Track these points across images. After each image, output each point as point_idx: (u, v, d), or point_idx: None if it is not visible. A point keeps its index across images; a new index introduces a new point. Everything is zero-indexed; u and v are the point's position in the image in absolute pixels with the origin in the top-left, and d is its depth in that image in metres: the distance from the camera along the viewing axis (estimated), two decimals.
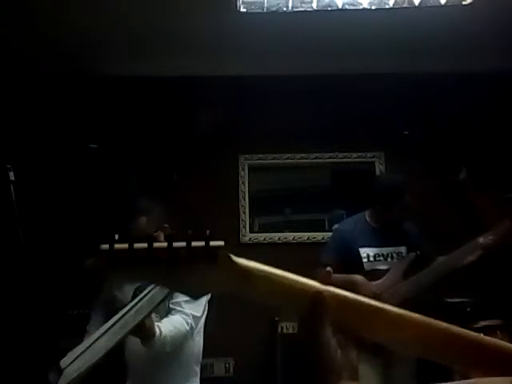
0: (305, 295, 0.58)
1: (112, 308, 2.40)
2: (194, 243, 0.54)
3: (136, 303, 2.23)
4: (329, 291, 0.59)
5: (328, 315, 0.58)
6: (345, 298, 0.60)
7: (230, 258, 0.56)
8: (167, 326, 2.25)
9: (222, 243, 0.55)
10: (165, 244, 0.53)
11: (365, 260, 3.01)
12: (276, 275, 0.58)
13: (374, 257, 3.03)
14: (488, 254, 2.82)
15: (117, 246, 0.53)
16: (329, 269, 0.63)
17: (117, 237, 0.54)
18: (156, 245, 0.53)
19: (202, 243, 0.54)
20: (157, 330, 2.19)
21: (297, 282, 0.59)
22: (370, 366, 2.68)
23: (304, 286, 0.59)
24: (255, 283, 0.57)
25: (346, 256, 3.02)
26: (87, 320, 2.55)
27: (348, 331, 0.60)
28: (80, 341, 2.33)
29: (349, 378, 0.59)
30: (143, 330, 2.18)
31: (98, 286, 2.56)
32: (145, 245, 0.53)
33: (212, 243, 0.55)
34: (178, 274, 0.54)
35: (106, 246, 0.53)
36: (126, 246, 0.53)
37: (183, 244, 0.54)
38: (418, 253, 2.97)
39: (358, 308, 0.60)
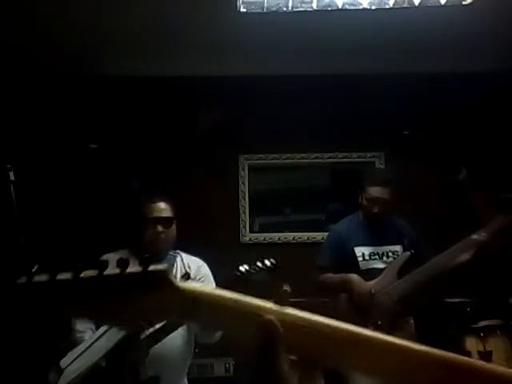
0: (255, 321, 0.51)
1: None
2: (129, 269, 0.47)
3: None
4: (286, 315, 0.52)
5: (280, 345, 0.50)
6: (305, 321, 0.52)
7: (172, 283, 0.49)
8: None
9: (162, 267, 0.48)
10: (93, 272, 0.47)
11: (360, 259, 3.02)
12: (227, 299, 0.51)
13: (370, 256, 3.04)
14: (482, 252, 2.82)
15: (38, 277, 0.46)
16: (286, 288, 0.54)
17: (35, 268, 0.47)
18: (83, 274, 0.47)
19: (138, 268, 0.48)
20: None
21: (249, 305, 0.52)
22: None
23: (257, 310, 0.51)
24: (203, 309, 0.50)
25: (341, 255, 3.04)
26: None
27: (312, 361, 0.53)
28: (73, 341, 2.34)
29: None
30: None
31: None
32: (68, 275, 0.47)
33: (151, 267, 0.48)
34: (110, 306, 0.47)
35: (22, 279, 0.47)
36: (46, 276, 0.46)
37: (116, 271, 0.47)
38: (413, 252, 2.98)
39: (323, 333, 0.52)
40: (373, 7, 3.29)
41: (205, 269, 2.56)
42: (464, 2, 3.25)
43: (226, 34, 3.71)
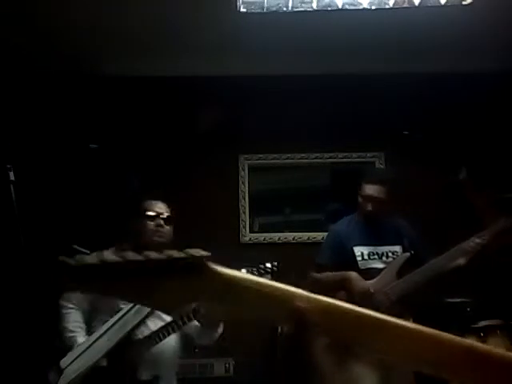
0: (287, 307, 0.52)
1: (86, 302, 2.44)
2: (171, 252, 0.49)
3: (135, 304, 2.23)
4: (317, 301, 0.53)
5: (312, 331, 0.52)
6: (335, 307, 0.53)
7: (211, 267, 0.51)
8: None
9: (201, 252, 0.50)
10: (139, 256, 0.48)
11: (359, 258, 3.03)
12: (262, 285, 0.53)
13: (369, 255, 3.04)
14: (481, 255, 2.82)
15: (87, 258, 0.48)
16: (318, 275, 0.58)
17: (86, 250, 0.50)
18: (128, 257, 0.48)
19: (181, 253, 0.49)
20: (221, 322, 2.29)
21: (283, 291, 0.53)
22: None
23: (288, 297, 0.53)
24: (239, 294, 0.52)
25: (340, 255, 3.04)
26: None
27: (344, 347, 0.54)
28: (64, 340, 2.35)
29: None
30: (212, 321, 2.26)
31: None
32: (116, 257, 0.48)
33: (192, 251, 0.50)
34: (154, 288, 0.49)
35: (72, 261, 0.48)
36: (94, 259, 0.48)
37: (159, 255, 0.49)
38: (413, 252, 2.98)
39: (354, 319, 0.53)
40: (373, 7, 3.29)
41: None
42: (464, 2, 3.25)
43: (226, 33, 3.71)
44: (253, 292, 0.52)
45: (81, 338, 2.37)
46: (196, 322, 2.36)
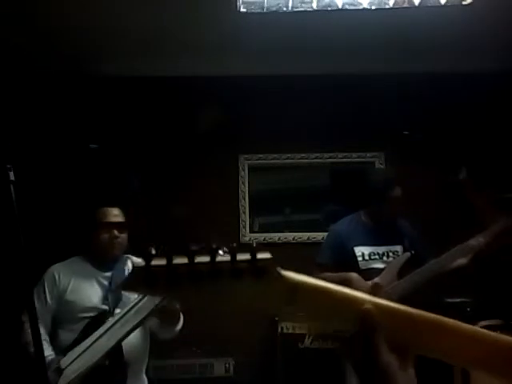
0: (354, 310, 0.54)
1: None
2: (239, 256, 0.49)
3: (136, 303, 2.24)
4: (380, 305, 0.56)
5: (380, 333, 0.53)
6: (399, 311, 0.56)
7: (279, 272, 0.51)
8: None
9: (269, 255, 0.50)
10: (207, 258, 0.49)
11: (360, 259, 3.02)
12: (325, 289, 0.54)
13: (369, 255, 3.04)
14: (482, 256, 2.82)
15: (154, 261, 0.48)
16: (377, 280, 0.60)
17: (153, 251, 0.49)
18: (198, 259, 0.49)
19: (248, 256, 0.50)
20: (181, 316, 2.28)
21: (346, 295, 0.55)
22: None
23: (354, 300, 0.55)
24: (304, 299, 0.53)
25: (341, 255, 3.04)
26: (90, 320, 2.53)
27: (405, 348, 0.56)
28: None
29: None
30: (172, 316, 2.25)
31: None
32: (185, 259, 0.49)
33: (259, 255, 0.50)
34: (222, 292, 0.50)
35: (140, 262, 0.49)
36: (163, 261, 0.48)
37: (227, 258, 0.49)
38: (413, 252, 2.98)
39: (415, 321, 0.56)
40: (373, 7, 3.29)
41: None
42: (464, 2, 3.25)
43: (226, 34, 3.71)
44: (318, 295, 0.53)
45: (47, 351, 2.37)
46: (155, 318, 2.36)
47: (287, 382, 3.58)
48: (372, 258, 3.04)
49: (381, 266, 3.00)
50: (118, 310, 2.38)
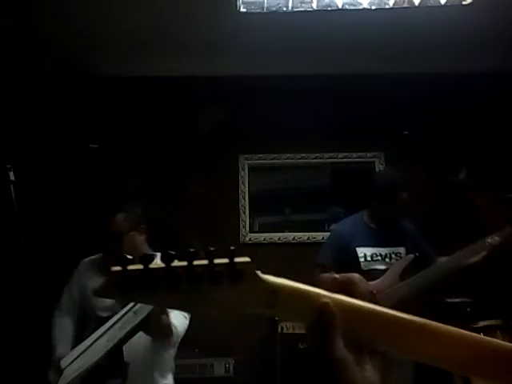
0: (313, 304, 0.53)
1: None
2: (216, 260, 0.49)
3: (135, 303, 2.23)
4: (340, 300, 0.55)
5: (335, 327, 0.52)
6: (357, 307, 0.55)
7: (257, 275, 0.51)
8: (175, 323, 2.27)
9: (247, 259, 0.50)
10: (184, 263, 0.48)
11: (362, 259, 3.01)
12: (304, 291, 0.54)
13: (372, 256, 3.02)
14: (492, 256, 2.81)
15: (130, 266, 0.48)
16: (332, 275, 0.58)
17: (130, 256, 0.48)
18: (174, 264, 0.48)
19: (226, 260, 0.49)
20: (173, 329, 2.22)
21: (313, 291, 0.54)
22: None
23: (314, 295, 0.54)
24: (283, 301, 0.52)
25: (342, 256, 3.02)
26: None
27: (364, 345, 0.54)
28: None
29: None
30: (161, 330, 2.20)
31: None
32: (161, 264, 0.48)
33: (237, 259, 0.50)
34: (199, 296, 0.49)
35: (117, 268, 0.48)
36: (139, 265, 0.48)
37: (205, 262, 0.49)
38: (417, 254, 2.97)
39: (374, 318, 0.55)
40: (373, 7, 3.29)
41: None
42: (464, 2, 3.25)
43: (225, 34, 3.71)
44: (296, 298, 0.53)
45: (61, 348, 2.36)
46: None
47: (287, 382, 3.58)
48: (374, 259, 3.02)
49: (383, 267, 2.98)
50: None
